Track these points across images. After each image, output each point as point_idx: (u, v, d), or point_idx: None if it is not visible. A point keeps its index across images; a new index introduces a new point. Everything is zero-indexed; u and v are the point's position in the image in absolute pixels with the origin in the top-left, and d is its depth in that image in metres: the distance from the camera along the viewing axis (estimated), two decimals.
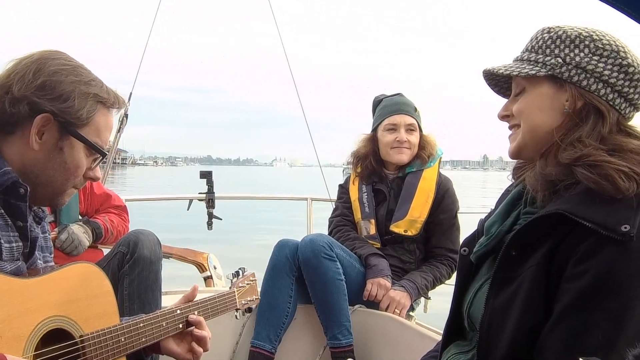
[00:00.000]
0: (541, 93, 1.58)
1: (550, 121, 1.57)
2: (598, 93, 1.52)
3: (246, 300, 2.57)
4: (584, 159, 1.46)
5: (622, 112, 1.55)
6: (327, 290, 3.29)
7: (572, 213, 1.40)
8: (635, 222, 1.34)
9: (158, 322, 1.99)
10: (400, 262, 3.57)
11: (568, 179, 1.49)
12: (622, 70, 1.52)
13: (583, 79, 1.53)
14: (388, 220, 3.57)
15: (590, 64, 1.52)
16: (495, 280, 1.54)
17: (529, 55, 1.62)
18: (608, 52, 1.53)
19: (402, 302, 3.37)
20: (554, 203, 1.49)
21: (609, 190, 1.39)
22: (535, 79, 1.58)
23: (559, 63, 1.55)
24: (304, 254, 3.32)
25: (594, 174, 1.42)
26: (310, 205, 5.00)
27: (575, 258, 1.38)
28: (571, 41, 1.55)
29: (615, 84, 1.52)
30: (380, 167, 3.72)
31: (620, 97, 1.54)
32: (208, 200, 4.71)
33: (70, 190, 1.80)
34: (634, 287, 1.31)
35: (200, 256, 4.31)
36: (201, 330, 2.12)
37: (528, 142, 1.61)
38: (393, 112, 3.67)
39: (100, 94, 1.76)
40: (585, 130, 1.51)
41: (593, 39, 1.54)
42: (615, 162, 1.42)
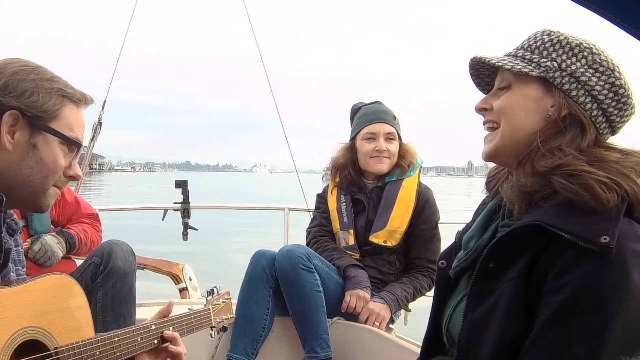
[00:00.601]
0: (528, 94, 1.55)
1: (531, 124, 1.54)
2: (584, 106, 1.51)
3: (221, 318, 2.56)
4: (562, 167, 1.44)
5: (600, 131, 1.53)
6: (304, 302, 3.26)
7: (550, 224, 1.38)
8: (615, 233, 1.31)
9: (133, 337, 1.97)
10: (379, 273, 3.54)
11: (545, 189, 1.47)
12: (613, 89, 1.51)
13: (573, 89, 1.51)
14: (367, 231, 3.55)
15: (585, 75, 1.50)
16: (473, 294, 1.51)
17: (524, 53, 1.58)
18: (604, 69, 1.51)
19: (382, 315, 3.34)
20: (532, 214, 1.46)
21: (589, 201, 1.37)
22: (525, 78, 1.55)
23: (553, 67, 1.52)
24: (282, 265, 3.28)
25: (573, 183, 1.40)
26: (288, 215, 4.97)
27: (554, 271, 1.36)
28: (570, 48, 1.53)
29: (603, 101, 1.51)
30: (359, 176, 3.69)
31: (603, 115, 1.52)
32: (183, 210, 4.67)
33: (53, 190, 1.77)
34: (616, 300, 1.28)
35: (175, 267, 4.26)
36: (176, 346, 2.09)
37: (507, 144, 1.58)
38: (372, 120, 3.65)
39: (64, 89, 1.75)
40: (565, 140, 1.49)
41: (592, 52, 1.52)
42: (595, 172, 1.40)
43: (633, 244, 1.32)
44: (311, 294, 3.25)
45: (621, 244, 1.30)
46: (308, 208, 4.41)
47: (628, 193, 1.37)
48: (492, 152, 1.61)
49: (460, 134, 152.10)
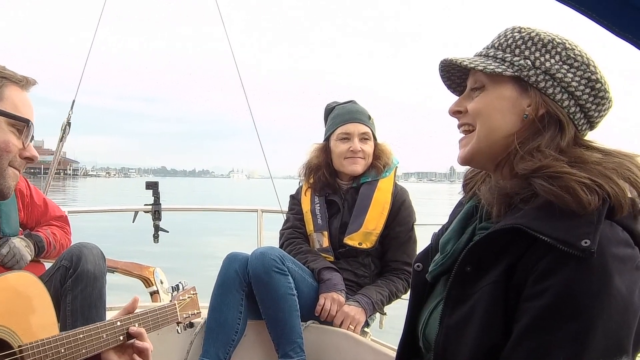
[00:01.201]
0: (503, 94, 1.51)
1: (508, 126, 1.50)
2: (561, 104, 1.48)
3: (187, 314, 2.55)
4: (543, 170, 1.41)
5: (579, 128, 1.50)
6: (278, 306, 3.22)
7: (530, 227, 1.35)
8: (596, 237, 1.28)
9: (98, 334, 1.95)
10: (354, 276, 3.51)
11: (525, 191, 1.44)
12: (590, 84, 1.48)
13: (549, 87, 1.48)
14: (342, 233, 3.52)
15: (560, 72, 1.48)
16: (450, 298, 1.48)
17: (496, 52, 1.55)
18: (579, 64, 1.48)
19: (357, 318, 3.31)
20: (511, 217, 1.43)
21: (570, 203, 1.33)
22: (499, 78, 1.52)
23: (527, 65, 1.49)
24: (254, 268, 3.25)
25: (554, 185, 1.36)
26: (261, 217, 4.93)
27: (534, 275, 1.32)
28: (543, 45, 1.50)
29: (580, 97, 1.48)
30: (333, 178, 3.67)
31: (581, 111, 1.49)
32: (154, 212, 4.63)
33: (12, 172, 1.79)
34: (596, 306, 1.25)
35: (146, 270, 4.22)
36: (142, 342, 2.08)
37: (483, 147, 1.54)
38: (346, 120, 3.62)
39: (3, 71, 1.77)
40: (544, 140, 1.46)
41: (565, 47, 1.49)
42: (577, 173, 1.37)
43: (614, 248, 1.30)
44: (285, 298, 3.21)
45: (602, 248, 1.27)
46: (281, 210, 4.38)
47: (609, 195, 1.34)
48: (469, 156, 1.58)
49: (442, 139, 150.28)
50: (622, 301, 1.26)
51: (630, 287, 1.28)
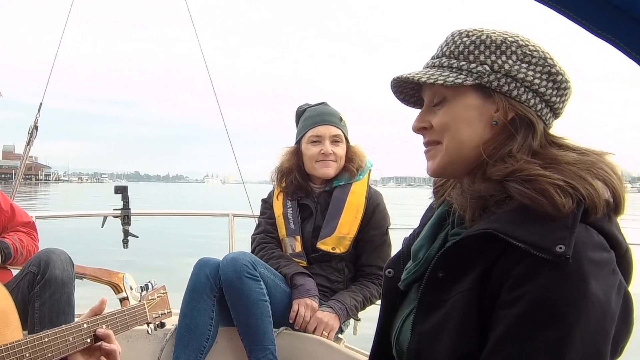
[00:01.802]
0: (467, 104, 1.48)
1: (478, 135, 1.47)
2: (528, 103, 1.45)
3: (157, 313, 2.53)
4: (516, 173, 1.38)
5: (546, 122, 1.48)
6: (250, 312, 3.19)
7: (503, 232, 1.32)
8: (571, 241, 1.26)
9: (64, 337, 1.93)
10: (328, 281, 3.49)
11: (499, 194, 1.41)
12: (551, 78, 1.46)
13: (513, 89, 1.45)
14: (315, 237, 3.49)
15: (521, 72, 1.44)
16: (422, 305, 1.46)
17: (449, 62, 1.50)
18: (536, 59, 1.46)
19: (330, 324, 3.29)
20: (484, 221, 1.41)
21: (545, 206, 1.31)
22: (460, 88, 1.47)
23: (486, 71, 1.45)
24: (226, 273, 3.21)
25: (528, 188, 1.34)
26: (232, 221, 4.89)
27: (509, 282, 1.30)
28: (497, 47, 1.46)
29: (544, 93, 1.46)
30: (305, 181, 3.63)
31: (547, 106, 1.47)
32: (123, 217, 4.57)
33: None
34: (573, 313, 1.23)
35: (115, 276, 4.15)
36: (110, 344, 2.06)
37: (454, 159, 1.51)
38: (316, 123, 3.59)
39: None
40: (516, 144, 1.43)
41: (519, 45, 1.46)
42: (551, 175, 1.35)
43: (590, 252, 1.28)
44: (257, 303, 3.18)
45: (578, 253, 1.25)
46: (253, 214, 4.35)
47: (584, 196, 1.32)
48: (440, 169, 1.54)
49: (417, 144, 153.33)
50: (600, 307, 1.24)
51: (607, 291, 1.26)
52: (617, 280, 1.30)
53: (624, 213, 1.41)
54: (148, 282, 2.63)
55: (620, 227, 1.40)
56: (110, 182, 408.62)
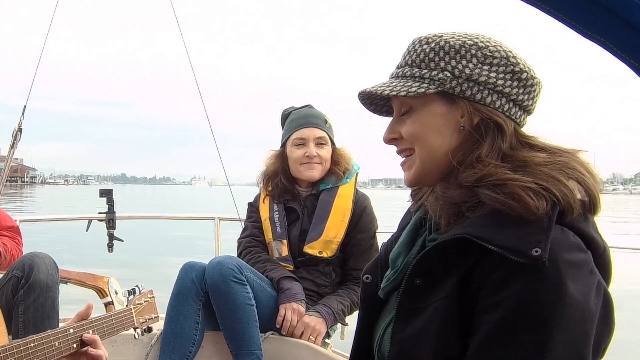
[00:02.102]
0: (433, 112, 1.47)
1: (447, 142, 1.47)
2: (494, 105, 1.44)
3: (144, 318, 2.51)
4: (486, 178, 1.37)
5: (517, 121, 1.47)
6: (236, 316, 3.17)
7: (478, 237, 1.31)
8: (547, 244, 1.25)
9: (50, 342, 1.92)
10: (314, 285, 3.47)
11: (472, 200, 1.40)
12: (515, 77, 1.45)
13: (477, 92, 1.44)
14: (301, 241, 3.48)
15: (482, 75, 1.43)
16: (401, 312, 1.45)
17: (412, 71, 1.50)
18: (498, 60, 1.45)
19: (317, 329, 3.27)
20: (459, 226, 1.40)
21: (518, 210, 1.30)
22: (424, 97, 1.47)
23: (447, 77, 1.44)
24: (212, 277, 3.19)
25: (499, 193, 1.33)
26: (218, 225, 4.87)
27: (487, 287, 1.29)
28: (456, 51, 1.45)
29: (510, 93, 1.44)
30: (292, 184, 3.62)
31: (515, 105, 1.46)
32: (108, 221, 4.54)
33: None
34: (553, 317, 1.22)
35: (100, 280, 4.13)
36: (97, 349, 2.05)
37: (428, 167, 1.50)
38: (301, 125, 3.57)
39: None
40: (484, 148, 1.42)
41: (479, 47, 1.45)
42: (521, 178, 1.34)
43: (567, 253, 1.27)
44: (243, 308, 3.16)
45: (554, 255, 1.24)
46: (239, 218, 4.33)
47: (558, 197, 1.31)
48: (416, 179, 1.54)
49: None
50: (579, 309, 1.24)
51: (585, 293, 1.26)
52: (596, 281, 1.30)
53: (600, 212, 1.41)
54: (135, 286, 2.61)
55: (597, 227, 1.40)
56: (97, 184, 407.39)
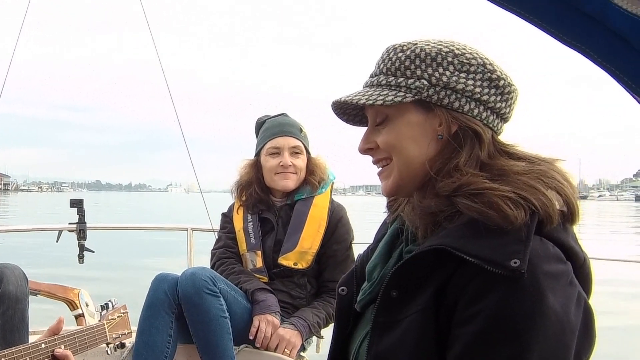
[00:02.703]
0: (410, 121, 1.45)
1: (424, 151, 1.45)
2: (472, 113, 1.42)
3: (117, 334, 2.49)
4: (463, 188, 1.35)
5: (495, 129, 1.46)
6: (209, 329, 3.12)
7: (455, 247, 1.29)
8: (526, 255, 1.23)
9: (21, 357, 1.92)
10: (289, 297, 3.43)
11: (449, 209, 1.38)
12: (493, 85, 1.44)
13: (454, 100, 1.42)
14: (276, 252, 3.44)
15: (460, 83, 1.42)
16: (377, 326, 1.41)
17: (387, 79, 1.47)
18: (475, 67, 1.43)
19: (292, 341, 3.23)
20: (436, 237, 1.37)
21: (496, 219, 1.28)
22: (401, 106, 1.44)
23: (424, 85, 1.42)
24: (185, 289, 3.14)
25: (477, 202, 1.32)
26: (191, 236, 4.82)
27: (464, 299, 1.27)
28: (432, 59, 1.43)
29: (488, 100, 1.43)
30: (266, 194, 3.58)
31: (493, 113, 1.45)
32: (79, 232, 4.47)
33: None
34: (531, 329, 1.20)
35: (71, 292, 4.08)
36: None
37: (405, 177, 1.48)
38: (275, 134, 3.54)
39: None
40: (462, 157, 1.40)
41: (456, 54, 1.43)
42: (499, 188, 1.32)
43: (546, 265, 1.25)
44: (216, 320, 3.11)
45: (533, 266, 1.22)
46: (213, 228, 4.29)
47: (537, 207, 1.30)
48: (394, 189, 1.51)
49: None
50: (558, 321, 1.22)
51: (565, 304, 1.24)
52: (576, 292, 1.28)
53: (579, 222, 1.39)
54: (108, 301, 2.58)
55: (576, 237, 1.39)
56: (71, 191, 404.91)
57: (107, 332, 2.41)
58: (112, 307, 2.53)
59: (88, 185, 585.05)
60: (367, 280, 1.58)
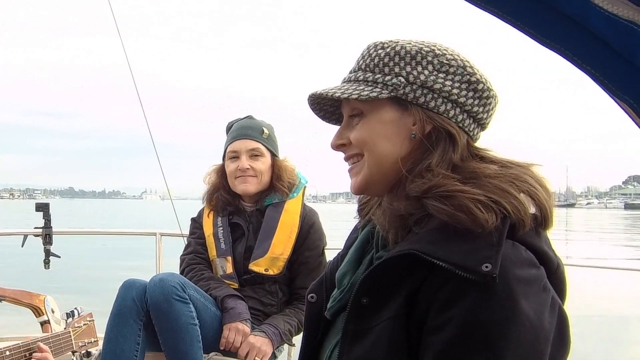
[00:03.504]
0: (384, 118, 1.44)
1: (397, 150, 1.43)
2: (447, 114, 1.41)
3: (83, 342, 2.48)
4: (434, 189, 1.33)
5: (471, 134, 1.44)
6: (179, 337, 3.06)
7: (425, 252, 1.26)
8: (497, 260, 1.20)
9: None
10: (260, 304, 3.39)
11: (419, 212, 1.36)
12: (471, 87, 1.42)
13: (430, 100, 1.40)
14: (247, 258, 3.39)
15: (437, 83, 1.40)
16: (347, 334, 1.38)
17: (365, 75, 1.46)
18: (454, 69, 1.42)
19: (263, 349, 3.18)
20: (406, 242, 1.35)
21: (466, 222, 1.26)
22: (376, 102, 1.43)
23: (401, 83, 1.41)
24: (153, 295, 3.07)
25: (447, 205, 1.29)
26: (160, 241, 4.76)
27: (435, 306, 1.24)
28: (412, 57, 1.42)
29: (465, 103, 1.41)
30: (235, 198, 3.54)
31: (469, 117, 1.43)
32: (45, 236, 4.39)
33: None
34: (503, 336, 1.18)
35: (36, 299, 4.00)
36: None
37: (375, 175, 1.46)
38: (234, 138, 3.51)
39: None
40: (435, 158, 1.39)
41: (436, 54, 1.42)
42: (470, 190, 1.30)
43: (518, 269, 1.23)
44: (186, 328, 3.05)
45: (505, 271, 1.20)
46: (182, 233, 4.23)
47: (509, 211, 1.27)
48: (362, 186, 1.49)
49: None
50: (531, 327, 1.20)
51: (538, 310, 1.22)
52: (550, 298, 1.26)
53: (553, 227, 1.38)
54: (74, 308, 2.56)
55: (550, 242, 1.37)
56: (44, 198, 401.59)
57: (73, 340, 2.40)
58: (78, 315, 2.53)
59: (61, 192, 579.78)
60: (337, 287, 1.56)
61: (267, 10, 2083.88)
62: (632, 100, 1.19)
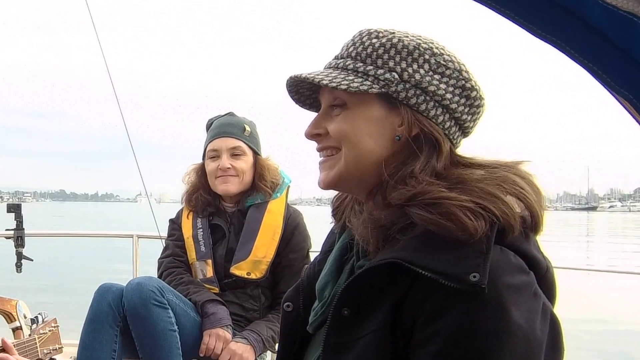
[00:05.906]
0: (370, 115, 1.38)
1: (378, 150, 1.38)
2: (436, 120, 1.36)
3: (49, 349, 2.43)
4: (418, 197, 1.28)
5: (454, 142, 1.40)
6: (157, 344, 3.02)
7: (409, 261, 1.22)
8: (486, 268, 1.17)
9: None
10: (242, 309, 3.34)
11: (402, 221, 1.31)
12: (464, 94, 1.38)
13: (422, 102, 1.35)
14: (228, 262, 3.34)
15: (432, 84, 1.35)
16: (328, 348, 1.34)
17: (355, 64, 1.39)
18: (450, 71, 1.37)
19: (245, 356, 3.14)
20: (389, 250, 1.30)
21: (454, 231, 1.22)
22: (364, 96, 1.37)
23: (394, 79, 1.35)
24: (130, 300, 3.02)
25: (433, 213, 1.24)
26: (137, 243, 4.72)
27: (422, 318, 1.21)
28: (409, 53, 1.36)
29: (455, 110, 1.37)
30: (215, 199, 3.49)
31: (456, 124, 1.39)
32: (17, 238, 4.31)
33: None
34: (495, 346, 1.15)
35: (7, 304, 3.94)
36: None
37: (352, 172, 1.40)
38: (214, 136, 3.46)
39: None
40: (418, 164, 1.34)
41: (434, 53, 1.37)
42: (457, 197, 1.25)
43: (508, 276, 1.19)
44: (164, 334, 3.01)
45: (494, 279, 1.17)
46: (160, 235, 4.17)
47: (497, 216, 1.23)
48: (334, 181, 1.44)
49: None
50: (523, 336, 1.16)
51: (530, 318, 1.19)
52: (541, 304, 1.23)
53: (543, 230, 1.35)
54: (38, 314, 2.52)
55: (539, 246, 1.34)
56: (34, 201, 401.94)
57: (39, 347, 2.35)
58: (42, 321, 2.49)
59: (52, 195, 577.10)
60: (318, 300, 1.50)
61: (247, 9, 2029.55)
62: (631, 95, 1.17)
